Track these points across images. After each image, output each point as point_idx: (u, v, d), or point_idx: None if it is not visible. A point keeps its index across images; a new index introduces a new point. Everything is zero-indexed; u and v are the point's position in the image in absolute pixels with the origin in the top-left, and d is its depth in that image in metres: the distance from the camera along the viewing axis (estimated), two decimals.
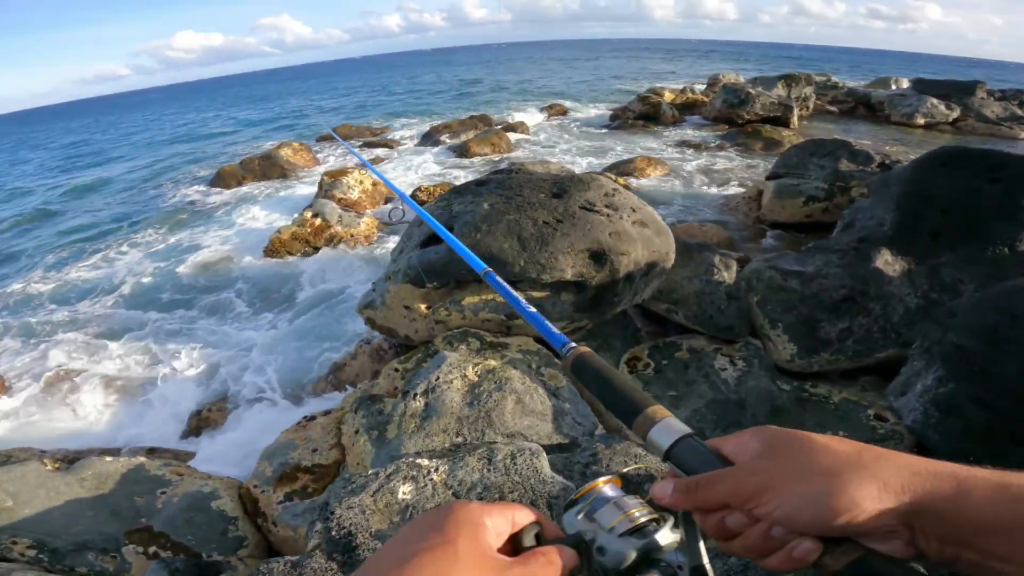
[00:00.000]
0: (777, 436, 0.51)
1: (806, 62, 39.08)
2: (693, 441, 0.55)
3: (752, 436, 0.52)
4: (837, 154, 6.39)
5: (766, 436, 0.51)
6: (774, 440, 0.50)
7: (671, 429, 0.56)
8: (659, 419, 0.58)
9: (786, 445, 0.49)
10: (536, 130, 14.41)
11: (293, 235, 6.72)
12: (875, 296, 3.09)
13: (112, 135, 27.59)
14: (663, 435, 0.57)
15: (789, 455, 0.48)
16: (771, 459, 0.49)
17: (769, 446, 0.50)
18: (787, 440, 0.50)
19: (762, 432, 0.52)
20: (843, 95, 15.09)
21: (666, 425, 0.57)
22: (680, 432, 0.56)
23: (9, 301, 7.03)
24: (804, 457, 0.47)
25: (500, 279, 1.10)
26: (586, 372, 0.72)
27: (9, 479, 2.54)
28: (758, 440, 0.51)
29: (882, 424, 2.65)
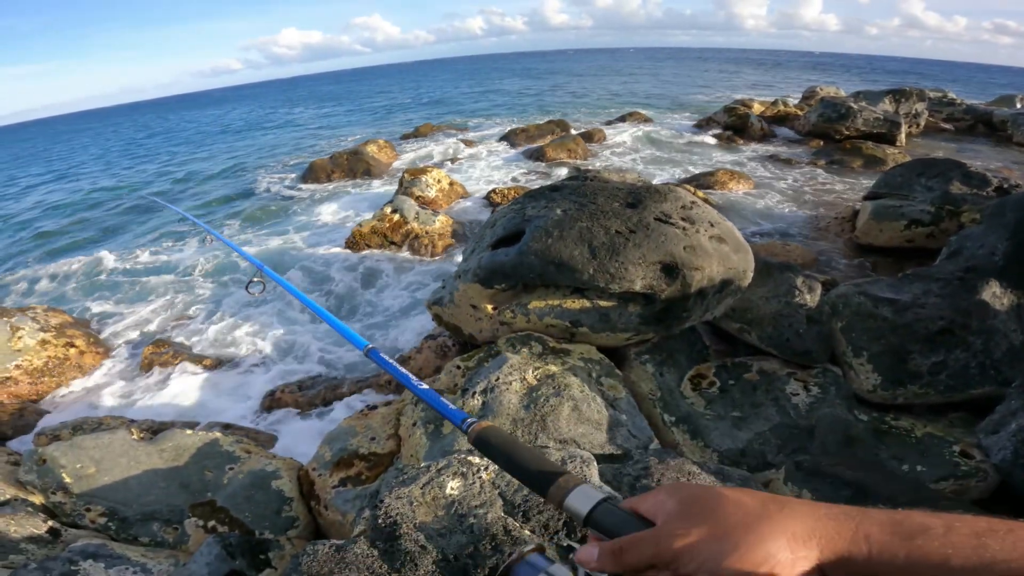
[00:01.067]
0: (691, 494, 0.53)
1: (919, 77, 36.06)
2: (610, 505, 0.56)
3: (667, 495, 0.54)
4: (949, 175, 5.84)
5: (681, 494, 0.53)
6: (688, 499, 0.52)
7: (586, 495, 0.57)
8: (573, 486, 0.59)
9: (700, 503, 0.51)
10: (614, 138, 14.21)
11: (373, 229, 7.03)
12: (977, 330, 2.82)
13: (226, 124, 30.11)
14: (580, 501, 0.57)
15: (703, 513, 0.50)
16: (687, 518, 0.50)
17: (684, 504, 0.52)
18: (700, 498, 0.52)
19: (677, 490, 0.54)
20: (960, 112, 13.75)
21: (581, 492, 0.58)
22: (597, 497, 0.57)
23: (118, 268, 7.86)
24: (719, 513, 0.49)
25: (384, 356, 1.04)
26: (490, 446, 0.72)
27: (96, 446, 2.69)
28: (673, 500, 0.53)
29: (966, 461, 2.44)
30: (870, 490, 2.02)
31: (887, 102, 12.29)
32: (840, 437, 2.65)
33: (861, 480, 2.09)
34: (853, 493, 2.02)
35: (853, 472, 2.16)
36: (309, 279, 6.87)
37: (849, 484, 2.07)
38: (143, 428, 3.07)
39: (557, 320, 3.07)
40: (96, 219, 11.59)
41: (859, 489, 2.03)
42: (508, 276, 3.11)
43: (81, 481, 2.57)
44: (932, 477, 2.39)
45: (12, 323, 4.92)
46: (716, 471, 2.09)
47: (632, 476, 1.98)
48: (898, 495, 1.97)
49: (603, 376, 2.81)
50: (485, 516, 1.61)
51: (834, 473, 2.15)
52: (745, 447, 2.65)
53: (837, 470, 2.17)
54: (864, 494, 2.00)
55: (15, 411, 4.29)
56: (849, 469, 2.20)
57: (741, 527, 0.48)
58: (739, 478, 2.09)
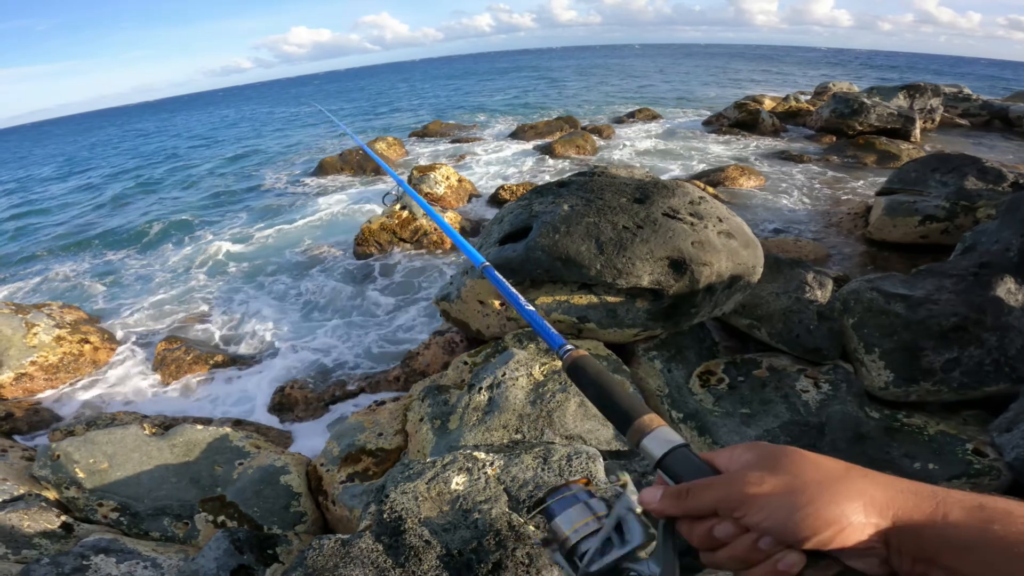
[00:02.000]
0: (770, 449, 0.52)
1: (933, 74, 35.46)
2: (686, 451, 0.56)
3: (745, 449, 0.53)
4: (964, 170, 5.74)
5: (760, 449, 0.52)
6: (767, 452, 0.52)
7: (665, 438, 0.57)
8: (653, 428, 0.59)
9: (778, 457, 0.51)
10: (623, 134, 14.14)
11: (382, 226, 7.05)
12: (991, 327, 2.76)
13: (237, 123, 30.36)
14: (656, 444, 0.57)
15: (780, 466, 0.49)
16: (764, 470, 0.49)
17: (762, 458, 0.51)
18: (779, 453, 0.51)
19: (756, 446, 0.53)
20: (976, 108, 13.52)
21: (660, 434, 0.58)
22: (674, 442, 0.57)
23: (132, 264, 7.95)
24: (796, 468, 0.49)
25: (499, 275, 1.09)
26: (583, 376, 0.72)
27: (109, 441, 2.72)
28: (751, 452, 0.52)
29: (979, 459, 2.40)
30: None
31: (901, 97, 12.11)
32: (851, 435, 2.61)
33: None
34: None
35: None
36: (318, 275, 6.91)
37: None
38: (155, 423, 3.10)
39: (564, 316, 3.05)
40: (105, 220, 11.74)
41: None
42: (515, 272, 3.10)
43: (94, 476, 2.60)
44: (945, 475, 2.36)
45: (28, 320, 4.98)
46: None
47: (638, 472, 1.97)
48: None
49: (611, 372, 2.79)
50: (490, 512, 1.61)
51: None
52: None
53: None
54: None
55: (30, 407, 4.36)
56: None
57: (818, 484, 0.47)
58: None
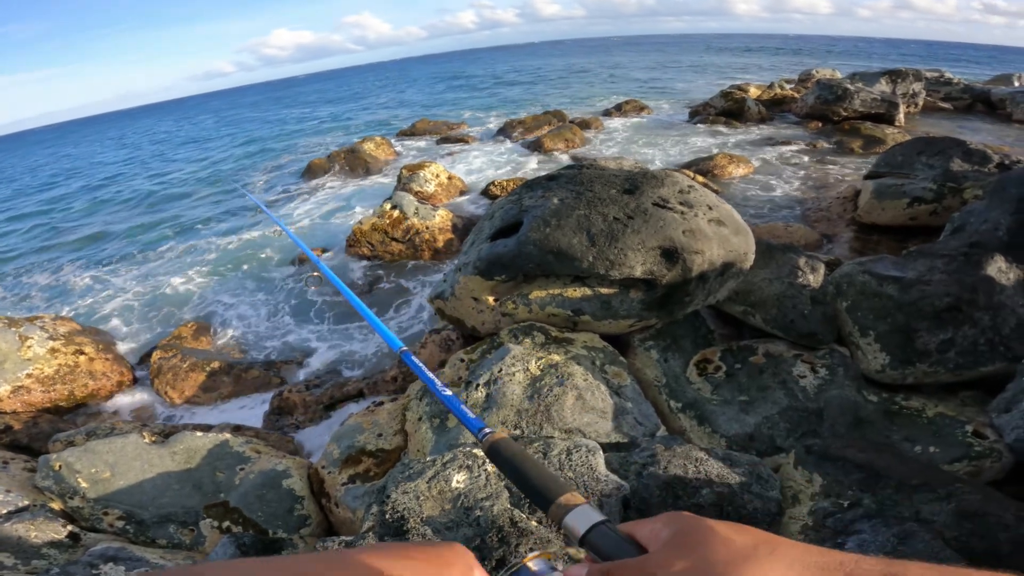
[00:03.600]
0: (686, 525, 0.54)
1: (915, 58, 35.64)
2: (606, 528, 0.58)
3: (664, 524, 0.55)
4: (949, 153, 5.79)
5: (677, 525, 0.54)
6: (682, 529, 0.53)
7: (585, 516, 0.60)
8: (574, 505, 0.61)
9: (692, 535, 0.52)
10: (611, 126, 14.14)
11: (373, 226, 7.01)
12: (984, 306, 2.78)
13: (219, 127, 30.08)
14: (578, 521, 0.60)
15: (693, 546, 0.51)
16: (677, 550, 0.51)
17: (678, 535, 0.53)
18: (693, 530, 0.53)
19: (675, 520, 0.55)
20: (958, 92, 13.62)
21: (581, 512, 0.61)
22: (594, 519, 0.59)
23: (123, 272, 7.87)
24: (705, 549, 0.50)
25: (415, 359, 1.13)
26: (501, 457, 0.76)
27: (109, 450, 2.71)
28: (669, 529, 0.54)
29: (980, 441, 2.40)
30: (881, 473, 2.00)
31: (883, 83, 12.19)
32: (850, 419, 2.63)
33: (872, 463, 2.07)
34: (864, 476, 2.01)
35: (864, 455, 2.14)
36: (311, 278, 6.87)
37: (860, 467, 2.05)
38: (154, 431, 3.09)
39: (559, 309, 3.05)
40: (102, 222, 11.61)
41: (870, 472, 2.01)
42: (508, 267, 3.09)
43: (97, 485, 2.60)
44: (945, 459, 2.36)
45: (21, 332, 4.93)
46: (724, 457, 2.08)
47: (639, 464, 1.97)
48: (910, 478, 1.95)
49: (607, 364, 2.79)
50: (491, 508, 1.60)
51: (844, 456, 2.13)
52: (753, 431, 2.64)
53: (847, 453, 2.15)
54: (876, 477, 1.99)
55: (29, 419, 4.33)
56: (860, 452, 2.18)
57: (723, 564, 0.48)
58: (748, 463, 2.07)
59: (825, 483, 2.05)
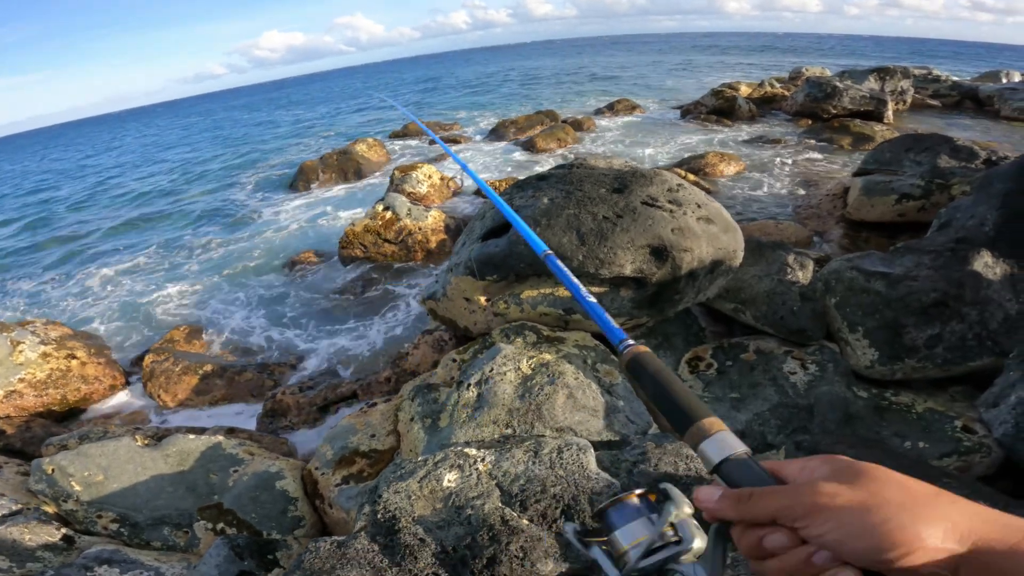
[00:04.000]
0: (851, 464, 0.49)
1: (903, 56, 35.89)
2: (749, 460, 0.53)
3: (822, 461, 0.50)
4: (937, 149, 5.84)
5: (839, 463, 0.49)
6: (846, 466, 0.49)
7: (726, 444, 0.55)
8: (713, 432, 0.56)
9: (860, 473, 0.47)
10: (603, 126, 14.18)
11: (365, 227, 7.00)
12: (971, 301, 2.81)
13: (209, 129, 29.93)
14: (715, 449, 0.55)
15: (862, 483, 0.46)
16: (840, 481, 0.47)
17: (841, 471, 0.48)
18: (862, 469, 0.48)
19: (835, 459, 0.50)
20: (946, 89, 13.75)
21: (720, 439, 0.55)
22: (735, 448, 0.54)
23: (113, 276, 7.83)
24: (879, 486, 0.46)
25: (561, 264, 1.06)
26: (643, 373, 0.70)
27: (102, 453, 2.71)
28: (828, 465, 0.49)
29: (969, 436, 2.42)
30: None
31: (872, 80, 12.29)
32: (840, 415, 2.65)
33: (862, 459, 2.08)
34: None
35: (854, 450, 2.16)
36: (303, 280, 6.85)
37: None
38: (147, 434, 3.09)
39: (550, 308, 3.06)
40: (92, 226, 11.52)
41: None
42: (499, 267, 3.10)
43: (90, 488, 2.60)
44: (935, 454, 2.38)
45: (12, 337, 4.90)
46: None
47: (630, 462, 1.98)
48: None
49: (598, 362, 2.80)
50: (482, 507, 1.61)
51: (834, 452, 2.15)
52: (745, 428, 2.66)
53: (837, 449, 2.17)
54: None
55: (22, 423, 4.31)
56: (850, 448, 2.20)
57: (899, 505, 0.44)
58: None
59: None
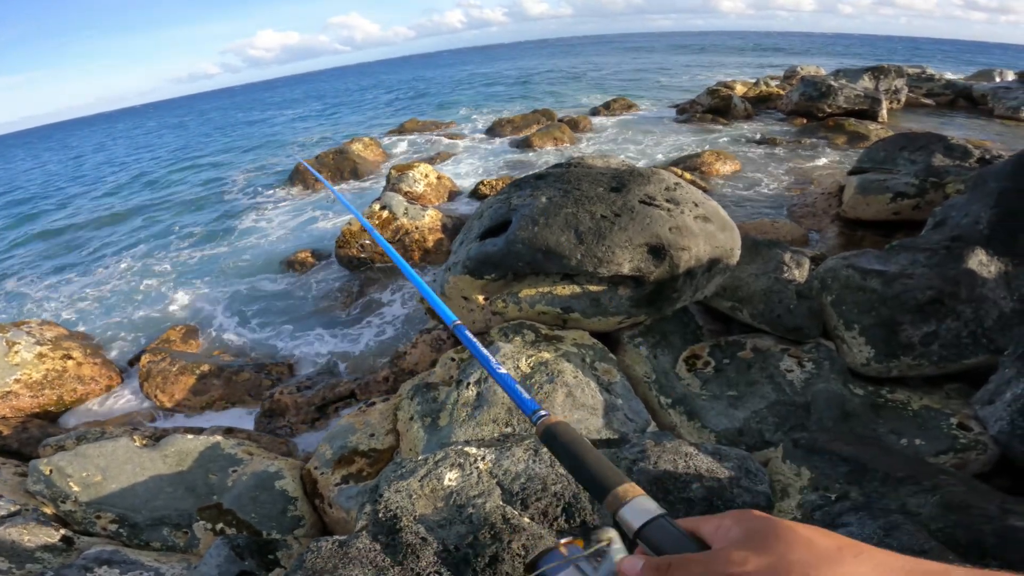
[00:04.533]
0: (760, 524, 0.50)
1: (897, 55, 36.06)
2: (665, 522, 0.55)
3: (735, 521, 0.51)
4: (931, 148, 5.88)
5: (749, 523, 0.50)
6: (756, 528, 0.50)
7: (643, 508, 0.56)
8: (630, 498, 0.58)
9: (767, 534, 0.48)
10: (599, 125, 14.19)
11: (362, 227, 6.99)
12: (966, 299, 2.83)
13: (209, 128, 29.79)
14: (634, 515, 0.56)
15: (769, 545, 0.47)
16: (750, 548, 0.48)
17: (750, 533, 0.49)
18: (769, 529, 0.49)
19: (745, 517, 0.52)
20: (940, 88, 13.84)
21: (637, 504, 0.57)
22: (652, 512, 0.55)
23: (110, 274, 7.79)
24: (784, 548, 0.46)
25: (469, 334, 1.06)
26: (556, 444, 0.71)
27: (100, 454, 2.70)
28: (740, 527, 0.50)
29: (965, 434, 2.43)
30: (868, 466, 2.02)
31: (867, 79, 12.35)
32: (836, 413, 2.66)
33: (859, 456, 2.09)
34: (851, 469, 2.03)
35: (851, 448, 2.17)
36: (300, 279, 6.83)
37: (847, 460, 2.07)
38: (145, 435, 3.07)
39: (548, 307, 3.07)
40: (86, 226, 11.46)
41: (857, 465, 2.04)
42: (497, 266, 3.10)
43: (89, 489, 2.58)
44: (931, 451, 2.39)
45: (8, 338, 4.88)
46: (713, 451, 2.10)
47: (629, 459, 1.99)
48: (896, 470, 1.98)
49: (597, 361, 2.81)
50: (484, 506, 1.61)
51: (831, 449, 2.15)
52: (742, 426, 2.67)
53: (834, 446, 2.18)
54: (862, 470, 2.01)
55: (18, 424, 4.29)
56: (847, 445, 2.20)
57: (806, 565, 0.44)
58: (737, 457, 2.09)
59: (813, 476, 2.07)
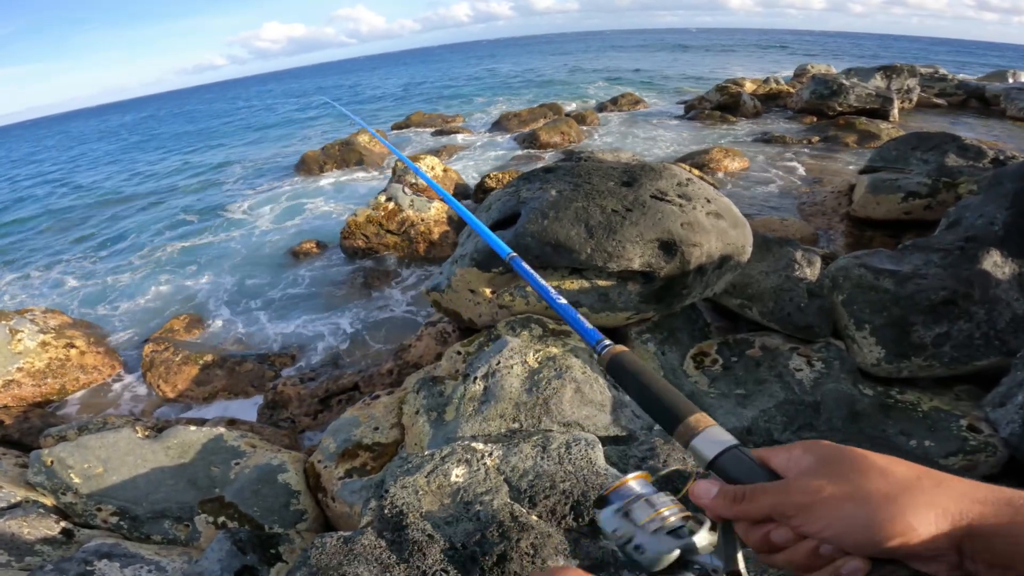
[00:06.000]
0: (832, 452, 0.50)
1: (909, 54, 35.73)
2: (739, 452, 0.54)
3: (805, 450, 0.51)
4: (944, 148, 5.80)
5: (820, 451, 0.50)
6: (829, 456, 0.49)
7: (716, 439, 0.55)
8: (703, 428, 0.56)
9: (841, 462, 0.48)
10: (606, 120, 14.11)
11: (368, 218, 6.96)
12: (979, 300, 2.79)
13: (219, 119, 29.78)
14: (707, 445, 0.55)
15: (844, 473, 0.47)
16: (824, 476, 0.47)
17: (823, 462, 0.49)
18: (842, 457, 0.49)
19: (815, 447, 0.51)
20: (953, 88, 13.67)
21: (711, 435, 0.56)
22: (726, 443, 0.54)
23: (115, 263, 7.79)
24: (860, 477, 0.46)
25: (527, 266, 1.01)
26: (624, 373, 0.69)
27: (102, 445, 2.67)
28: (811, 455, 0.50)
29: (975, 435, 2.41)
30: None
31: (878, 78, 12.22)
32: (846, 413, 2.63)
33: None
34: None
35: (861, 448, 2.14)
36: (305, 270, 6.82)
37: None
38: (147, 426, 3.04)
39: None
40: (90, 214, 11.47)
41: None
42: None
43: (90, 481, 2.55)
44: (940, 453, 2.36)
45: (11, 326, 4.87)
46: None
47: (638, 457, 1.97)
48: None
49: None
50: (491, 503, 1.59)
51: None
52: (751, 425, 2.64)
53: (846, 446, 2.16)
54: None
55: (20, 414, 4.28)
56: (856, 445, 2.18)
57: (885, 496, 0.44)
58: None
59: None
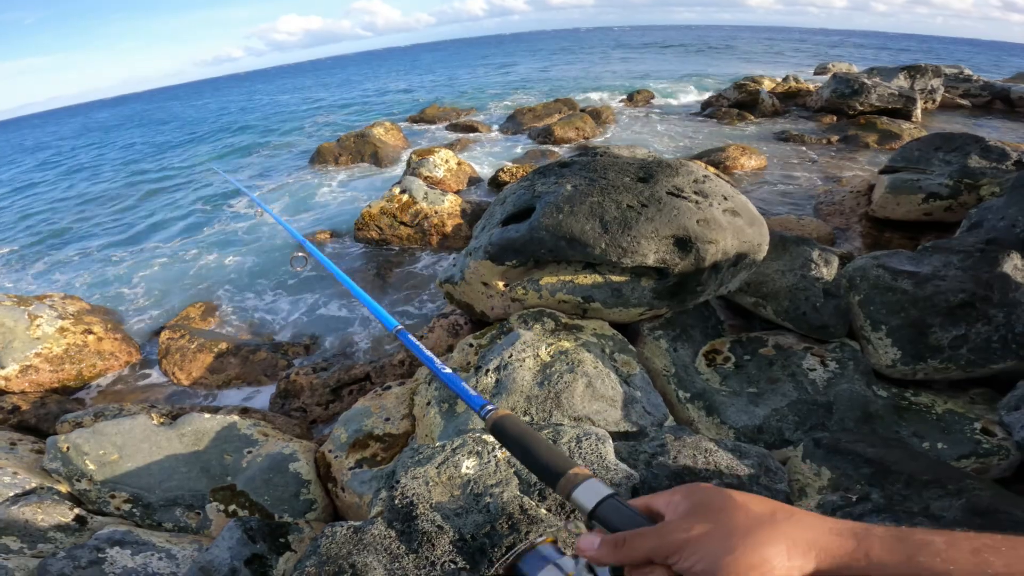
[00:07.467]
0: (704, 495, 0.55)
1: (933, 55, 34.96)
2: (617, 501, 0.58)
3: (684, 496, 0.56)
4: (967, 149, 5.70)
5: (696, 495, 0.55)
6: (702, 499, 0.55)
7: (595, 490, 0.59)
8: (582, 480, 0.61)
9: (711, 503, 0.54)
10: (621, 116, 14.01)
11: (382, 210, 7.00)
12: (999, 303, 2.75)
13: (231, 111, 30.06)
14: (587, 495, 0.59)
15: (712, 513, 0.52)
16: (695, 517, 0.53)
17: (696, 505, 0.54)
18: (712, 499, 0.54)
19: (694, 491, 0.56)
20: (977, 89, 13.39)
21: (590, 486, 0.60)
22: (603, 493, 0.59)
23: (133, 250, 7.91)
24: (724, 515, 0.52)
25: (412, 338, 1.09)
26: (507, 436, 0.74)
27: (118, 432, 2.69)
28: (688, 500, 0.55)
29: (988, 439, 2.39)
30: (892, 468, 1.98)
31: (902, 78, 12.00)
32: (859, 414, 2.61)
33: (882, 457, 2.05)
34: (874, 471, 1.99)
35: (875, 449, 2.13)
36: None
37: (869, 461, 2.03)
38: (162, 413, 3.07)
39: (569, 296, 3.03)
40: (113, 201, 11.64)
41: (881, 467, 2.00)
42: (519, 252, 3.07)
43: (104, 468, 2.58)
44: (953, 455, 2.36)
45: (30, 311, 4.95)
46: (733, 448, 2.06)
47: (648, 454, 1.96)
48: (921, 473, 1.94)
49: (616, 352, 2.78)
50: (501, 495, 1.59)
51: (853, 450, 2.11)
52: (762, 423, 2.63)
53: (857, 447, 2.14)
54: (885, 472, 1.97)
55: (37, 399, 4.34)
56: (869, 446, 2.16)
57: (743, 529, 0.50)
58: (756, 455, 2.06)
59: (833, 477, 2.03)
